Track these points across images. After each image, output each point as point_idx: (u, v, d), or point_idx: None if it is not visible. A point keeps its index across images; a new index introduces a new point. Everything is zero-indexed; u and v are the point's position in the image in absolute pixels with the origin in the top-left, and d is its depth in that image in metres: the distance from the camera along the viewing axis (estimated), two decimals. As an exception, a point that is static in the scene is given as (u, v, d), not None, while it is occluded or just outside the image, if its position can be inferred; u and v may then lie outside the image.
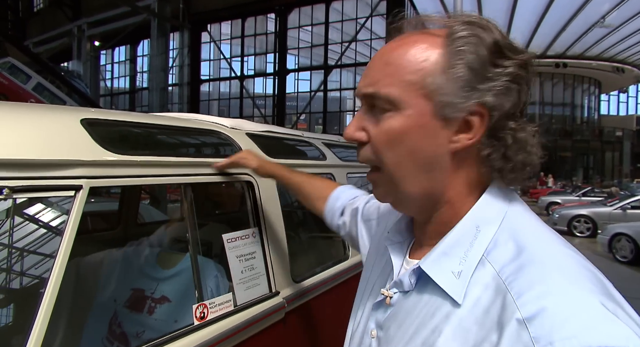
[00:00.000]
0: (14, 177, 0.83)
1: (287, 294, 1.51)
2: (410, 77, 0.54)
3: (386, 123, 0.56)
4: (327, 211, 1.11)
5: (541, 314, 0.44)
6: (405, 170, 0.56)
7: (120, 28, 10.48)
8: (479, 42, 0.53)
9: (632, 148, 35.12)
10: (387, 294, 0.61)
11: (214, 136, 1.49)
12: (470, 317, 0.50)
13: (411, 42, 0.56)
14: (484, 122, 0.54)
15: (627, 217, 10.25)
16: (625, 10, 19.78)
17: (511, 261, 0.51)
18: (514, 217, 0.56)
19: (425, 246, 0.62)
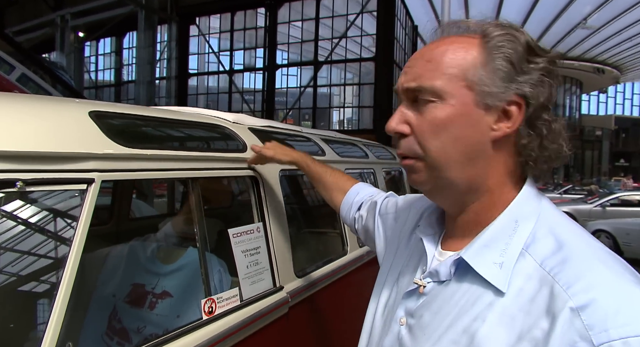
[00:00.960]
0: (27, 170, 0.81)
1: (291, 289, 1.52)
2: (452, 71, 0.58)
3: (431, 113, 0.59)
4: (345, 204, 1.15)
5: (593, 304, 0.47)
6: (450, 157, 0.59)
7: (106, 19, 10.23)
8: (515, 40, 0.58)
9: (610, 147, 36.14)
10: (420, 283, 0.64)
11: (218, 131, 1.48)
12: (515, 305, 0.53)
13: (450, 42, 0.61)
14: (522, 112, 0.58)
15: (606, 214, 10.57)
16: (606, 13, 20.27)
17: (553, 254, 0.54)
18: (549, 213, 0.60)
19: (459, 237, 0.64)
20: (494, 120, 0.58)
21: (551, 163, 0.61)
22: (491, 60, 0.58)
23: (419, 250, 0.71)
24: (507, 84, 0.57)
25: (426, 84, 0.59)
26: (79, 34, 11.73)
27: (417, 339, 0.61)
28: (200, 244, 1.25)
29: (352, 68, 11.00)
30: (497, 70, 0.57)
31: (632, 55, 27.02)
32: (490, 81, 0.57)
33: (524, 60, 0.58)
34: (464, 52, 0.59)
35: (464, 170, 0.60)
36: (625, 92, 39.14)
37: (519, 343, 0.51)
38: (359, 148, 2.79)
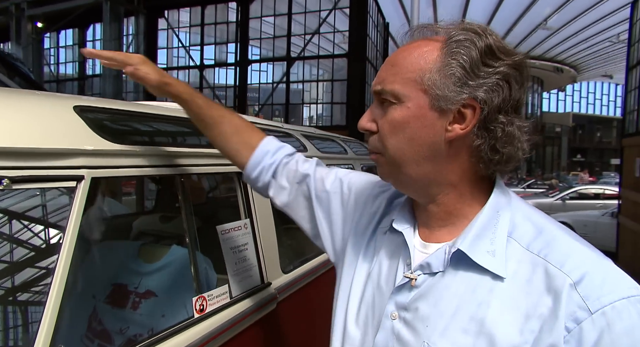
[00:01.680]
0: (14, 167, 0.78)
1: (278, 285, 1.52)
2: (411, 75, 0.63)
3: (390, 114, 0.65)
4: (252, 165, 0.96)
5: (585, 278, 0.55)
6: (406, 154, 0.64)
7: (67, 10, 9.73)
8: (471, 45, 0.61)
9: (569, 143, 37.99)
10: (412, 277, 0.65)
11: (204, 126, 1.46)
12: (514, 288, 0.58)
13: (414, 47, 0.65)
14: (476, 115, 0.61)
15: (566, 207, 11.15)
16: (564, 14, 21.21)
17: (535, 238, 0.61)
18: (518, 203, 0.66)
19: (437, 228, 0.68)
20: (449, 122, 0.62)
21: (503, 166, 0.64)
22: (446, 64, 0.61)
23: (395, 243, 0.72)
24: (459, 88, 0.60)
25: (387, 88, 0.64)
26: (37, 25, 11.12)
27: (417, 331, 0.63)
28: (191, 241, 1.24)
29: (324, 65, 11.03)
30: (451, 74, 0.60)
31: (587, 55, 28.44)
32: (444, 85, 0.61)
33: (478, 65, 0.60)
34: (424, 57, 0.63)
35: (419, 167, 0.65)
36: (582, 90, 41.22)
37: (528, 321, 0.56)
38: (338, 144, 2.81)
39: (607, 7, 19.32)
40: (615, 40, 22.66)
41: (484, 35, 0.61)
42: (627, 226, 6.72)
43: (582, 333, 0.53)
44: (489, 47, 0.61)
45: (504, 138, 0.62)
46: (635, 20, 6.99)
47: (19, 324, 0.85)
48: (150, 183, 2.82)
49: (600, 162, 37.33)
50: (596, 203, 10.95)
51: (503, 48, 0.62)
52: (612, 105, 41.19)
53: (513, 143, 0.63)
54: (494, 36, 0.62)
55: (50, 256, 0.83)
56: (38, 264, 0.89)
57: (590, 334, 0.53)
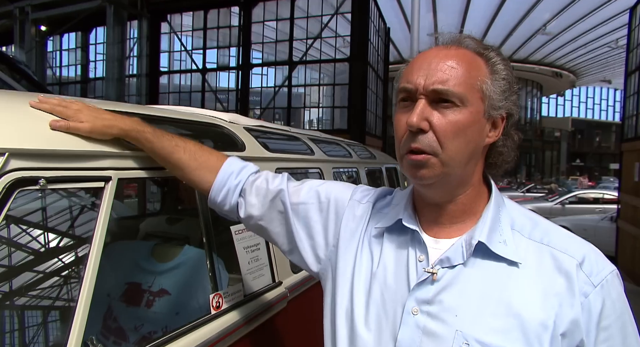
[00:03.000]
0: (49, 168, 0.83)
1: (289, 284, 1.57)
2: (473, 82, 0.68)
3: (453, 116, 0.67)
4: (217, 187, 0.94)
5: (586, 259, 0.67)
6: (463, 156, 0.69)
7: (71, 13, 9.80)
8: (510, 67, 0.72)
9: (568, 148, 38.07)
10: (433, 271, 0.69)
11: (218, 130, 1.51)
12: (528, 272, 0.67)
13: (464, 54, 0.70)
14: (503, 125, 0.72)
15: (566, 211, 11.19)
16: (564, 20, 21.33)
17: (533, 229, 0.71)
18: (508, 201, 0.76)
19: (450, 225, 0.73)
20: (489, 130, 0.71)
21: (508, 167, 0.77)
22: (497, 79, 0.70)
23: (399, 243, 0.74)
24: (504, 100, 0.70)
25: (455, 90, 0.67)
26: (40, 28, 11.19)
27: (446, 322, 0.66)
28: (208, 241, 1.28)
29: (325, 69, 11.10)
30: (501, 88, 0.70)
31: (586, 60, 28.56)
32: (497, 96, 0.69)
33: (513, 83, 0.71)
34: (479, 67, 0.70)
35: (465, 169, 0.70)
36: (581, 95, 41.34)
37: (547, 300, 0.64)
38: (343, 147, 2.86)
39: (606, 13, 19.44)
40: (614, 46, 22.78)
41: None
42: (626, 230, 6.76)
43: (591, 304, 0.64)
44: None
45: (513, 145, 0.75)
46: (634, 26, 7.06)
47: (53, 316, 0.90)
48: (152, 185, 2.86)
49: (599, 166, 37.42)
50: (595, 207, 10.99)
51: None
52: (611, 110, 41.34)
53: (515, 150, 0.76)
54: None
55: (81, 254, 0.87)
56: (68, 262, 0.93)
57: (596, 304, 0.64)
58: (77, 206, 0.96)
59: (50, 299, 0.90)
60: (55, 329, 0.90)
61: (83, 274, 0.82)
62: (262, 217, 0.92)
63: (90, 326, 1.49)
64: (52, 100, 0.89)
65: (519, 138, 0.76)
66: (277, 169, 1.69)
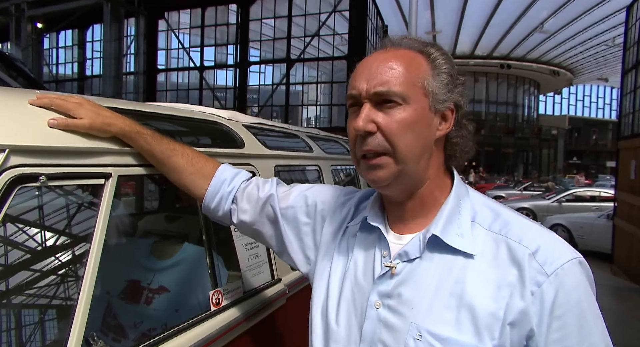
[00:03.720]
0: (49, 165, 0.83)
1: (288, 281, 1.57)
2: (414, 80, 0.70)
3: (398, 114, 0.69)
4: (211, 193, 0.96)
5: (540, 248, 0.66)
6: (414, 151, 0.70)
7: (68, 10, 9.75)
8: (451, 60, 0.74)
9: (565, 146, 38.23)
10: (392, 265, 0.71)
11: (217, 128, 1.51)
12: (483, 264, 0.67)
13: (403, 54, 0.72)
14: (453, 116, 0.74)
15: (562, 209, 11.25)
16: (561, 18, 21.39)
17: (494, 220, 0.71)
18: (473, 192, 0.76)
19: (409, 220, 0.75)
20: (439, 122, 0.73)
21: (467, 157, 0.78)
22: (439, 74, 0.72)
23: (368, 240, 0.77)
24: (449, 93, 0.72)
25: (395, 89, 0.69)
26: (37, 26, 11.13)
27: (403, 314, 0.68)
28: (208, 238, 1.28)
29: (323, 67, 11.09)
30: (443, 82, 0.72)
31: (583, 59, 28.68)
32: (440, 90, 0.71)
33: (456, 75, 0.74)
34: (418, 65, 0.71)
35: (419, 163, 0.72)
36: (577, 93, 41.52)
37: (500, 290, 0.65)
38: (341, 145, 2.86)
39: (603, 11, 19.51)
40: (610, 44, 22.87)
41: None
42: (622, 227, 6.80)
43: (543, 293, 0.63)
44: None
45: (468, 135, 0.76)
46: (631, 24, 7.09)
47: (54, 312, 0.90)
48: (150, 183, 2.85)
49: (596, 164, 37.59)
50: (592, 205, 11.05)
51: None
52: (608, 108, 41.52)
53: (471, 140, 0.77)
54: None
55: (82, 252, 0.87)
56: (69, 259, 0.93)
57: (549, 293, 0.63)
58: (78, 203, 0.96)
59: (51, 297, 0.90)
60: (56, 326, 0.90)
61: (84, 271, 0.82)
62: (254, 222, 0.95)
63: (90, 323, 1.50)
64: (50, 95, 0.89)
65: (473, 127, 0.78)
66: (276, 166, 1.69)
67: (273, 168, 1.67)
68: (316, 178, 2.21)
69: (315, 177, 2.21)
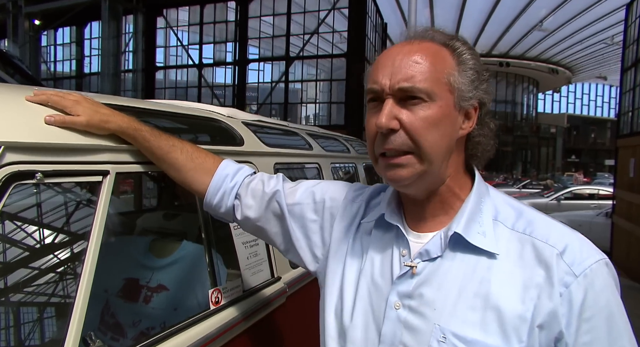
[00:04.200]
0: (45, 162, 0.81)
1: (288, 280, 1.56)
2: (440, 75, 0.67)
3: (423, 111, 0.66)
4: (213, 189, 0.94)
5: (568, 248, 0.64)
6: (440, 150, 0.68)
7: (65, 7, 9.70)
8: (477, 55, 0.71)
9: (563, 144, 38.26)
10: (412, 265, 0.69)
11: (216, 125, 1.50)
12: (508, 263, 0.65)
13: (428, 47, 0.68)
14: (476, 114, 0.71)
15: (561, 207, 11.27)
16: (560, 16, 21.37)
17: (517, 219, 0.68)
18: (493, 191, 0.74)
19: (429, 218, 0.73)
20: (462, 121, 0.70)
21: (489, 155, 0.75)
22: (464, 69, 0.69)
23: (385, 239, 0.75)
24: (474, 89, 0.69)
25: (420, 86, 0.65)
26: (34, 22, 11.07)
27: (425, 315, 0.66)
28: (207, 236, 1.27)
29: (322, 65, 11.07)
30: (469, 78, 0.69)
31: (582, 57, 28.66)
32: (465, 87, 0.68)
33: (481, 71, 0.70)
34: (444, 59, 0.68)
35: (442, 162, 0.69)
36: (576, 92, 41.53)
37: (527, 291, 0.63)
38: (341, 142, 2.85)
39: (602, 9, 19.49)
40: (609, 42, 22.87)
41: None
42: (621, 225, 6.81)
43: (572, 295, 0.61)
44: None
45: (490, 133, 0.73)
46: (630, 22, 7.08)
47: (51, 311, 0.89)
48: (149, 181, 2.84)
49: (595, 162, 37.64)
50: (590, 203, 11.07)
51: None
52: (607, 106, 41.54)
53: (493, 138, 0.74)
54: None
55: (79, 250, 0.86)
56: (67, 257, 0.92)
57: (578, 294, 0.61)
58: (75, 200, 0.94)
59: (48, 295, 0.89)
60: (54, 325, 0.89)
61: (81, 270, 0.81)
62: (259, 219, 0.92)
63: (88, 322, 1.49)
64: (48, 91, 0.87)
65: (495, 125, 0.75)
66: (276, 164, 1.68)
67: (272, 165, 1.66)
68: (316, 175, 2.20)
69: (314, 174, 2.20)
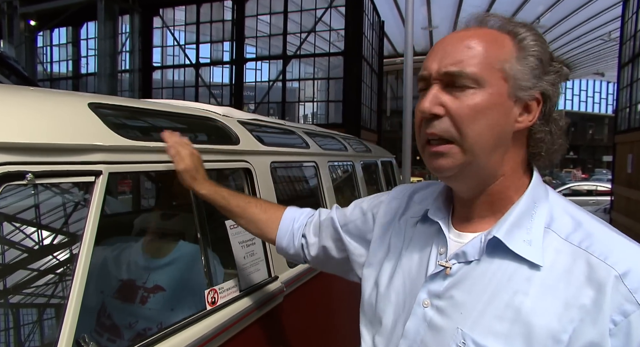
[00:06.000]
0: (36, 162, 0.80)
1: (285, 279, 1.55)
2: (492, 61, 0.62)
3: (470, 98, 0.61)
4: (282, 234, 1.04)
5: (632, 272, 0.55)
6: (485, 142, 0.62)
7: (61, 8, 9.65)
8: (544, 43, 0.64)
9: (561, 141, 38.25)
10: (446, 265, 0.66)
11: (212, 124, 1.49)
12: (552, 277, 0.58)
13: (484, 33, 0.64)
14: (540, 108, 0.64)
15: (560, 204, 11.27)
16: (557, 13, 21.36)
17: (575, 230, 0.61)
18: (555, 196, 0.66)
19: (475, 218, 0.68)
20: (519, 113, 0.63)
21: (555, 156, 0.68)
22: (525, 57, 0.62)
23: (427, 234, 0.73)
24: (535, 79, 0.63)
25: (468, 70, 0.61)
26: (30, 23, 11.01)
27: (451, 318, 0.63)
28: (202, 236, 1.26)
29: (319, 63, 11.05)
30: (530, 67, 0.62)
31: (579, 53, 28.66)
32: (523, 76, 0.62)
33: (549, 62, 0.64)
34: (501, 46, 0.63)
35: (490, 156, 0.63)
36: (574, 88, 41.54)
37: (567, 310, 0.56)
38: (338, 141, 2.84)
39: (599, 6, 19.49)
40: (606, 39, 22.88)
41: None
42: (619, 221, 6.82)
43: (631, 326, 0.53)
44: (550, 50, 0.65)
45: (558, 132, 0.66)
46: (627, 18, 7.08)
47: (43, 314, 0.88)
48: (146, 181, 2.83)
49: (593, 159, 37.71)
50: (589, 199, 11.10)
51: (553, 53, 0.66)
52: (604, 102, 41.58)
53: (562, 137, 0.67)
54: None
55: (72, 251, 0.85)
56: (59, 258, 0.91)
57: (638, 328, 0.53)
58: (67, 201, 0.93)
59: (40, 297, 0.88)
60: (46, 327, 0.88)
61: (74, 271, 0.80)
62: (323, 251, 0.97)
63: (84, 323, 1.48)
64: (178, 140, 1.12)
65: (566, 123, 0.67)
66: (272, 163, 1.67)
67: (269, 164, 1.65)
68: (313, 174, 2.19)
69: (312, 173, 2.19)
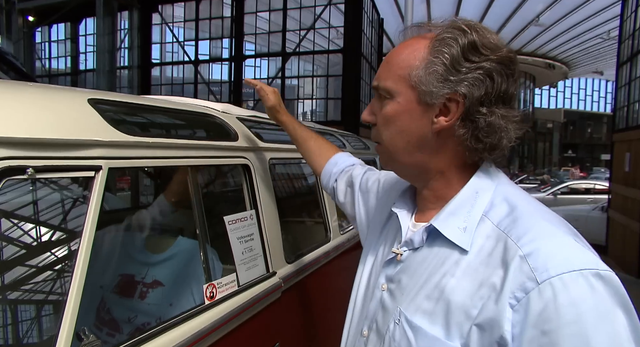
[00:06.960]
0: (37, 157, 0.81)
1: (283, 275, 1.57)
2: (401, 72, 0.70)
3: (385, 108, 0.73)
4: (325, 173, 1.26)
5: (537, 251, 0.58)
6: (397, 145, 0.73)
7: (59, 3, 9.60)
8: (453, 42, 0.65)
9: (560, 139, 38.39)
10: (398, 252, 0.74)
11: (211, 120, 1.49)
12: (476, 261, 0.64)
13: (405, 45, 0.71)
14: (459, 108, 0.67)
15: (557, 202, 11.33)
16: (556, 11, 21.34)
17: (506, 216, 0.65)
18: (504, 186, 0.71)
19: (428, 211, 0.75)
20: (435, 115, 0.69)
21: (488, 153, 0.69)
22: (430, 62, 0.67)
23: (395, 224, 0.80)
24: (442, 83, 0.66)
25: (381, 84, 0.72)
26: (28, 19, 10.96)
27: (396, 299, 0.72)
28: (201, 232, 1.27)
29: (318, 60, 11.02)
30: (434, 71, 0.66)
31: (578, 52, 28.65)
32: (428, 82, 0.67)
33: (460, 61, 0.65)
34: (413, 55, 0.69)
35: (411, 156, 0.73)
36: (573, 87, 41.54)
37: (480, 289, 0.61)
38: (337, 138, 2.85)
39: (598, 4, 19.47)
40: (605, 37, 22.88)
41: (469, 31, 0.66)
42: (616, 219, 6.85)
43: (529, 303, 0.56)
44: (471, 43, 0.65)
45: (486, 128, 0.67)
46: (626, 17, 7.09)
47: (44, 308, 0.89)
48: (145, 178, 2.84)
49: (591, 157, 37.79)
50: (587, 198, 11.14)
51: (488, 43, 0.66)
52: (603, 101, 41.59)
53: (496, 132, 0.67)
54: (480, 32, 0.66)
55: (71, 246, 0.86)
56: (59, 253, 0.92)
57: (536, 304, 0.55)
58: (67, 196, 0.94)
59: (41, 292, 0.89)
60: (47, 321, 0.89)
61: (74, 266, 0.81)
62: (349, 198, 1.14)
63: (83, 318, 1.49)
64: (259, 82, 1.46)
65: (505, 119, 0.67)
66: (271, 159, 1.68)
67: (268, 161, 1.66)
68: (311, 171, 2.19)
69: (310, 170, 2.20)
